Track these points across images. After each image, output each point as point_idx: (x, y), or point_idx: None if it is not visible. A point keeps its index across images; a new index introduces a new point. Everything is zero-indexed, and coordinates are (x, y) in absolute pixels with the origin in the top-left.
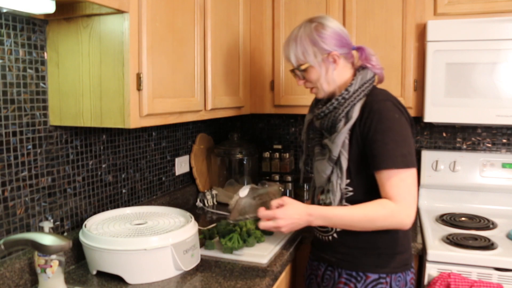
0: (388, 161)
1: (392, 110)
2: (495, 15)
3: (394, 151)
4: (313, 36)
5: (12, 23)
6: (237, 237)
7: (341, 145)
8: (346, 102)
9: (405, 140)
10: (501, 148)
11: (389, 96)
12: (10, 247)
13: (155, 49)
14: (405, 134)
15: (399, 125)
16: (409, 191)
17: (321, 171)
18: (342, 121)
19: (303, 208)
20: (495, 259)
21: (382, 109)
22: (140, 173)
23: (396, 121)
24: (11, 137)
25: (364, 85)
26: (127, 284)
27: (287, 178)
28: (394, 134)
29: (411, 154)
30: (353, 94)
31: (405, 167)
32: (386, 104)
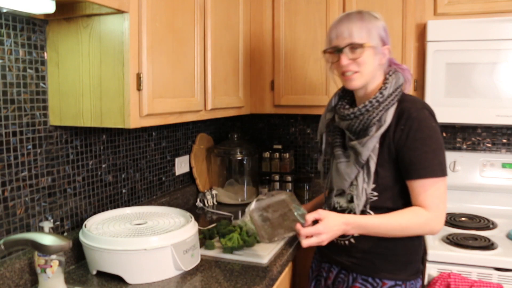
0: (427, 170)
1: (430, 118)
2: (495, 15)
3: (433, 160)
4: (382, 23)
5: (12, 23)
6: (237, 237)
7: (371, 149)
8: (380, 105)
9: (441, 148)
10: (501, 148)
11: (425, 104)
12: (10, 247)
13: (155, 49)
14: (441, 142)
15: (436, 133)
16: (442, 200)
17: (345, 174)
18: (375, 125)
19: (340, 218)
20: (495, 259)
21: (422, 117)
22: (140, 173)
23: (434, 129)
24: (11, 137)
25: (397, 89)
26: (127, 284)
27: (287, 178)
28: (433, 143)
29: (445, 163)
30: (387, 98)
31: (442, 176)
32: (425, 112)
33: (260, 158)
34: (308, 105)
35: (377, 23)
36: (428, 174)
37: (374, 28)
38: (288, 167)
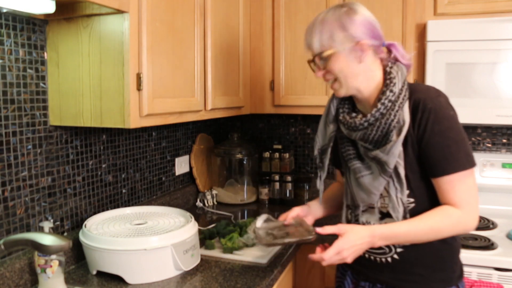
0: (453, 165)
1: (447, 107)
2: (495, 15)
3: (457, 153)
4: (342, 20)
5: (12, 23)
6: (237, 237)
7: (397, 155)
8: (395, 105)
9: (464, 138)
10: (501, 148)
11: (438, 91)
12: (10, 247)
13: (155, 49)
14: (462, 131)
15: (456, 122)
16: (472, 194)
17: (372, 188)
18: (395, 128)
19: (364, 231)
20: (495, 259)
21: (438, 107)
22: (140, 173)
23: (453, 118)
24: (11, 137)
25: (405, 81)
26: (127, 284)
27: (287, 178)
28: (454, 134)
29: (471, 153)
30: (400, 94)
31: (470, 167)
32: (440, 101)
33: (260, 158)
34: (308, 105)
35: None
36: (455, 169)
37: (335, 29)
38: (288, 167)
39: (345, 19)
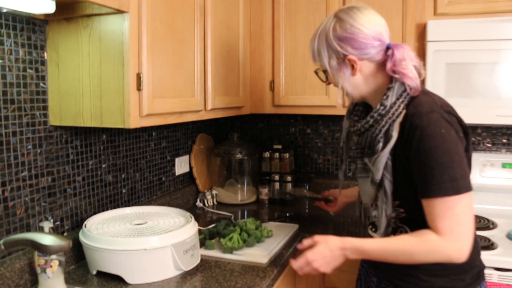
0: (433, 189)
1: (437, 124)
2: (495, 15)
3: (440, 176)
4: (328, 36)
5: (12, 23)
6: (237, 237)
7: (383, 168)
8: (383, 119)
9: (455, 160)
10: (501, 148)
11: (433, 105)
12: (10, 247)
13: (155, 49)
14: (454, 152)
15: (446, 142)
16: (458, 222)
17: (365, 191)
18: (381, 142)
19: (335, 242)
20: (495, 259)
21: (425, 124)
22: (140, 173)
23: (442, 137)
24: (11, 137)
25: (403, 94)
26: (127, 284)
27: (287, 178)
28: (439, 155)
29: (463, 177)
30: (391, 109)
31: (455, 194)
32: (430, 117)
33: (260, 158)
34: (308, 105)
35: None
36: (435, 193)
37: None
38: (288, 167)
39: (330, 35)
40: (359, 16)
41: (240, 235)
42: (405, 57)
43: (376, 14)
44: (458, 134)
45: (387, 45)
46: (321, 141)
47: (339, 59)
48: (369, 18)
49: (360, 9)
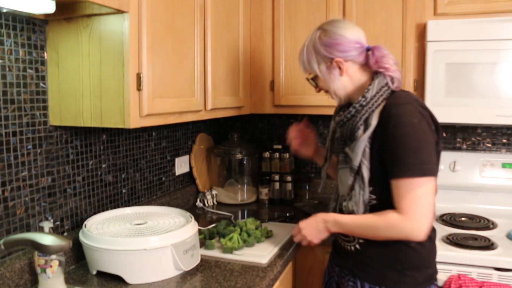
0: (401, 170)
1: (411, 114)
2: (495, 15)
3: (409, 159)
4: (316, 45)
5: (12, 23)
6: (237, 237)
7: (361, 154)
8: (363, 109)
9: (424, 147)
10: (501, 148)
11: (410, 98)
12: (10, 247)
13: (155, 49)
14: (424, 140)
15: (418, 130)
16: (416, 203)
17: (344, 180)
18: (360, 129)
19: (321, 215)
20: (495, 259)
21: (401, 114)
22: (140, 173)
23: (414, 126)
24: (11, 137)
25: (383, 89)
26: (127, 284)
27: (287, 178)
28: (411, 140)
29: (430, 162)
30: (371, 100)
31: (420, 176)
32: (406, 108)
33: (260, 158)
34: (308, 105)
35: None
36: (402, 174)
37: (311, 55)
38: (288, 167)
39: (317, 44)
40: (340, 26)
41: (240, 235)
42: (384, 54)
43: (354, 25)
44: (430, 126)
45: (367, 48)
46: (321, 141)
47: (327, 63)
48: (349, 27)
49: (340, 20)
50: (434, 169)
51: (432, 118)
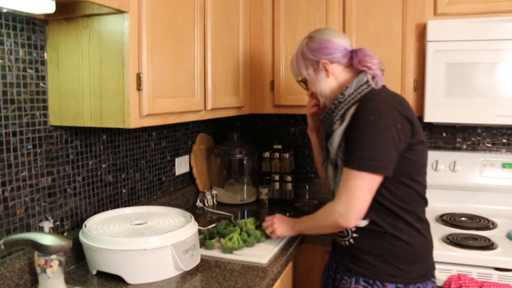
0: (346, 160)
1: (370, 111)
2: (495, 15)
3: (354, 152)
4: (303, 51)
5: (12, 23)
6: (237, 237)
7: (337, 147)
8: (340, 105)
9: (370, 144)
10: (501, 148)
11: (379, 96)
12: (10, 247)
13: (155, 49)
14: (375, 137)
15: (372, 127)
16: (347, 192)
17: (330, 175)
18: (336, 123)
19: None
20: (495, 259)
21: (362, 109)
22: (140, 173)
23: (369, 122)
24: (11, 137)
25: (361, 87)
26: (127, 284)
27: (287, 178)
28: (360, 135)
29: (371, 159)
30: (348, 97)
31: (357, 169)
32: (369, 104)
33: (260, 158)
34: None
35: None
36: (346, 164)
37: (299, 60)
38: (288, 167)
39: (304, 50)
40: (326, 33)
41: (240, 235)
42: (367, 54)
43: (341, 33)
44: (395, 125)
45: (351, 50)
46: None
47: (314, 66)
48: (335, 34)
49: (327, 28)
50: (375, 166)
51: (409, 119)
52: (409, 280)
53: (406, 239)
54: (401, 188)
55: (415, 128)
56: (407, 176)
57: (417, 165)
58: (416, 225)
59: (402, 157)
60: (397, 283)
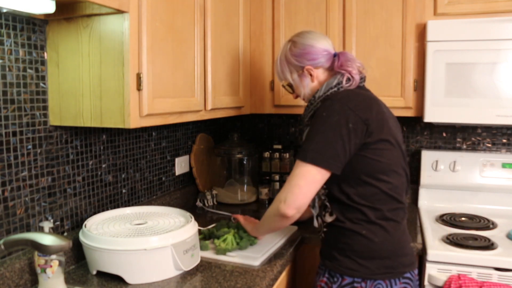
0: (298, 153)
1: (324, 108)
2: (495, 15)
3: (304, 144)
4: (287, 56)
5: (12, 23)
6: (231, 239)
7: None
8: (310, 107)
9: (318, 138)
10: (501, 148)
11: (337, 96)
12: (10, 247)
13: (155, 49)
14: (321, 132)
15: (320, 122)
16: (290, 180)
17: None
18: (307, 124)
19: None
20: (495, 259)
21: (319, 107)
22: (140, 173)
23: (321, 119)
24: (11, 137)
25: (330, 90)
26: (127, 284)
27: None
28: (313, 130)
29: (316, 152)
30: (317, 99)
31: (301, 160)
32: (325, 103)
33: (260, 158)
34: None
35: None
36: (296, 155)
37: (284, 65)
38: (288, 167)
39: (288, 55)
40: (308, 37)
41: (234, 237)
42: (349, 58)
43: (322, 35)
44: (346, 124)
45: (334, 54)
46: None
47: (299, 71)
48: (317, 37)
49: (309, 31)
50: (318, 158)
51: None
52: (367, 275)
53: (365, 234)
54: (363, 186)
55: (370, 128)
56: (368, 175)
57: (380, 163)
58: (378, 222)
59: (360, 156)
60: (354, 277)
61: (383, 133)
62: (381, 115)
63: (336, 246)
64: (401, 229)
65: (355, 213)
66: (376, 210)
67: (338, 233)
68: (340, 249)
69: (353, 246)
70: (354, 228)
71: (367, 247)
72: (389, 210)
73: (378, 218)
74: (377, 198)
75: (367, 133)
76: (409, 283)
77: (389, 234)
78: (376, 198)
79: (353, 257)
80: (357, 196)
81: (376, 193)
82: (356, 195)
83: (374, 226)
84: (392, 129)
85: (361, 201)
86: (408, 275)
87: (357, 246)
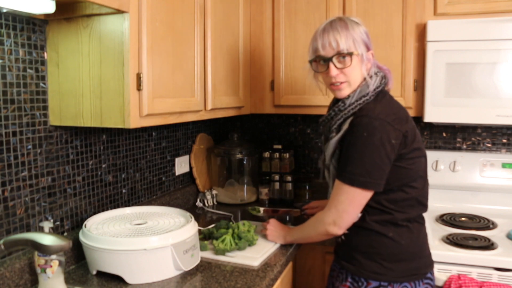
0: (339, 174)
1: (363, 126)
2: (495, 15)
3: (346, 167)
4: (364, 29)
5: (12, 23)
6: (229, 239)
7: (331, 154)
8: (340, 113)
9: (362, 160)
10: (501, 148)
11: (376, 112)
12: (10, 247)
13: (155, 49)
14: (364, 153)
15: (363, 143)
16: (336, 205)
17: (327, 177)
18: (334, 132)
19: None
20: (495, 259)
21: (356, 124)
22: (140, 173)
23: (361, 138)
24: (11, 137)
25: (362, 98)
26: (127, 284)
27: (287, 178)
28: (353, 151)
29: (362, 175)
30: (348, 107)
31: (348, 184)
32: (362, 120)
33: (260, 158)
34: (308, 105)
35: (360, 29)
36: (338, 177)
37: (358, 35)
38: (288, 167)
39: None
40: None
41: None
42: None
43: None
44: (389, 141)
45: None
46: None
47: (367, 51)
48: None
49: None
50: (366, 182)
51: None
52: (394, 278)
53: (391, 236)
54: (395, 192)
55: (408, 140)
56: (401, 183)
57: (411, 171)
58: (405, 224)
59: (394, 166)
60: (380, 280)
61: (415, 141)
62: (412, 123)
63: (359, 249)
64: (423, 231)
65: (382, 216)
66: (404, 213)
67: (363, 236)
68: (364, 252)
69: (379, 249)
70: (381, 230)
71: (393, 249)
72: (415, 213)
73: (403, 220)
74: (406, 203)
75: (403, 144)
76: (430, 283)
77: (414, 236)
78: (405, 204)
79: (379, 260)
80: (387, 201)
81: (406, 199)
82: (386, 201)
83: (401, 228)
84: (419, 134)
85: (390, 206)
86: (429, 275)
87: (383, 249)
